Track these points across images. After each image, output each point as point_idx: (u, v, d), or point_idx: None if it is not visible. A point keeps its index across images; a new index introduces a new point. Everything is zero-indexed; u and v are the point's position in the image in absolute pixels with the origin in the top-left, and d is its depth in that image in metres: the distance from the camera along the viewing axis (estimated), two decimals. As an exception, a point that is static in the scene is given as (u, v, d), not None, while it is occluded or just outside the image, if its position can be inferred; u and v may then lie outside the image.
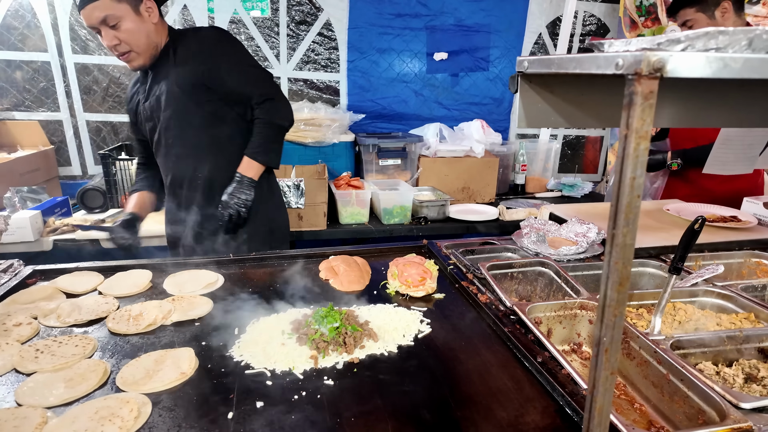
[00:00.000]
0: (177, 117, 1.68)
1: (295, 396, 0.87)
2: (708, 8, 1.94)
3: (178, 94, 1.64)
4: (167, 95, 1.66)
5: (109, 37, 1.53)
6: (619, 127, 0.82)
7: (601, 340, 0.60)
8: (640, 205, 0.56)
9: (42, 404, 0.85)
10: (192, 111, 1.67)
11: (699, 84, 0.78)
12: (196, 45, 1.66)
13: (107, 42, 1.54)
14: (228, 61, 1.66)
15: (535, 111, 0.80)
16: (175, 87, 1.64)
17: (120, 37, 1.53)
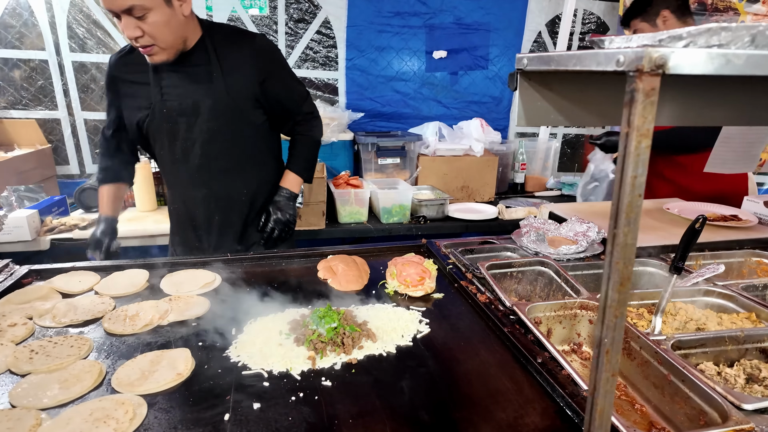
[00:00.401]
0: (227, 129, 1.56)
1: (293, 397, 0.86)
2: (650, 18, 2.07)
3: (230, 105, 1.53)
4: (215, 104, 1.52)
5: (130, 27, 1.34)
6: (619, 124, 0.81)
7: (602, 341, 0.59)
8: (642, 204, 0.55)
9: (36, 406, 0.84)
10: (243, 124, 1.59)
11: (699, 81, 0.77)
12: (251, 55, 1.54)
13: (128, 32, 1.35)
14: (282, 76, 1.62)
15: (535, 109, 0.79)
16: (227, 97, 1.52)
17: (144, 28, 1.35)
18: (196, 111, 1.53)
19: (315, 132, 1.75)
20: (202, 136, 1.56)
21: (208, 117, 1.54)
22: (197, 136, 1.56)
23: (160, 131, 1.58)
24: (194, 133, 1.56)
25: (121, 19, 1.35)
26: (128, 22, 1.34)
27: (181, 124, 1.55)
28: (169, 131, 1.57)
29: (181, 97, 1.53)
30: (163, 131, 1.57)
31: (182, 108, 1.53)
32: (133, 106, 1.58)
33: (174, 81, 1.53)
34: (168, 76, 1.52)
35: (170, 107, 1.54)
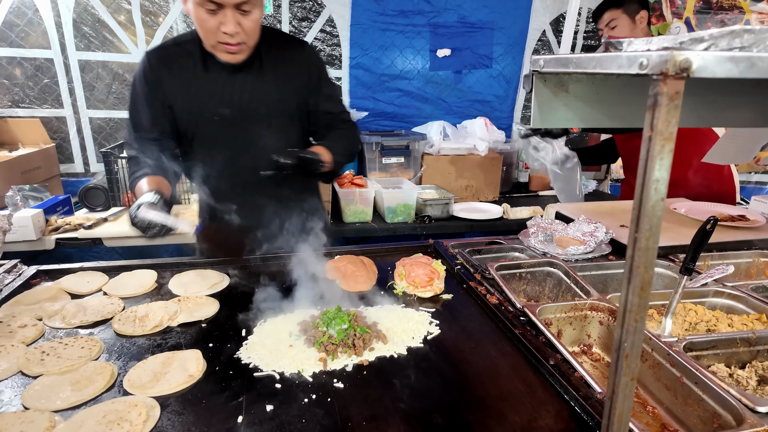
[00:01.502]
0: (277, 137, 1.51)
1: (305, 399, 0.86)
2: (631, 11, 2.11)
3: (282, 112, 1.51)
4: (268, 112, 1.48)
5: (232, 23, 1.27)
6: (634, 126, 0.81)
7: (622, 345, 0.59)
8: (664, 208, 0.55)
9: (49, 408, 0.84)
10: (292, 131, 1.56)
11: (716, 83, 0.76)
12: (301, 63, 1.51)
13: (229, 28, 1.27)
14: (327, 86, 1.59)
15: (550, 110, 0.78)
16: (279, 105, 1.49)
17: (244, 26, 1.29)
18: (248, 118, 1.47)
19: (355, 132, 1.68)
20: (254, 143, 1.49)
21: (261, 124, 1.48)
22: (248, 143, 1.49)
23: (207, 136, 1.49)
24: (245, 140, 1.49)
25: (215, 13, 1.27)
26: (231, 17, 1.27)
27: (233, 130, 1.48)
28: (217, 137, 1.49)
29: (233, 102, 1.46)
30: (210, 136, 1.49)
31: (234, 114, 1.46)
32: (180, 108, 1.47)
33: (227, 85, 1.45)
34: (220, 78, 1.44)
35: (221, 113, 1.46)
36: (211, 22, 1.28)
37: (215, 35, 1.31)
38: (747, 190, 3.52)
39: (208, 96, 1.45)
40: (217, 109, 1.45)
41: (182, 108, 1.46)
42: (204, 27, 1.30)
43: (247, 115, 1.48)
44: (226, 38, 1.31)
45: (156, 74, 1.43)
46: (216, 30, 1.29)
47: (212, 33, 1.30)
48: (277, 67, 1.48)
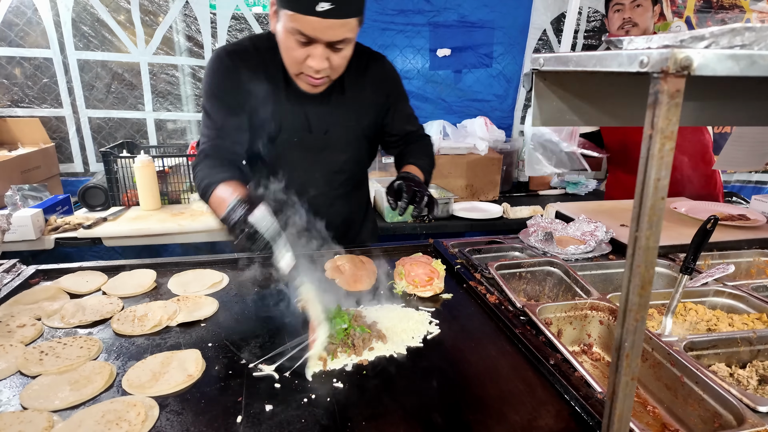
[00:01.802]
0: (352, 161, 1.50)
1: (305, 399, 0.86)
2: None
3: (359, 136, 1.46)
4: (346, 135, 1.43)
5: (321, 58, 1.18)
6: (634, 125, 0.81)
7: (622, 344, 0.59)
8: (664, 207, 0.55)
9: (47, 408, 0.84)
10: (366, 153, 1.53)
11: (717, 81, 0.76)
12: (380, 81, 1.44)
13: (316, 63, 1.18)
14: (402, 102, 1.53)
15: (550, 109, 0.78)
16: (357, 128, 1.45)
17: (333, 62, 1.21)
18: (326, 142, 1.42)
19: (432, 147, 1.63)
20: (328, 166, 1.44)
21: (339, 149, 1.44)
22: (323, 165, 1.44)
23: (279, 156, 1.41)
24: (320, 163, 1.43)
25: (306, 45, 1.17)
26: (322, 53, 1.18)
27: (309, 153, 1.42)
28: (290, 158, 1.41)
29: (311, 127, 1.39)
30: (283, 157, 1.41)
31: (313, 137, 1.40)
32: (257, 122, 1.35)
33: (307, 108, 1.37)
34: (300, 99, 1.35)
35: (301, 135, 1.39)
36: (298, 52, 1.18)
37: (300, 66, 1.22)
38: (747, 189, 3.51)
39: (286, 117, 1.36)
40: (296, 132, 1.38)
41: (259, 124, 1.36)
42: (290, 55, 1.21)
43: (325, 141, 1.42)
44: (311, 72, 1.21)
45: (237, 77, 1.31)
46: (302, 61, 1.20)
47: (297, 63, 1.21)
48: (358, 90, 1.41)
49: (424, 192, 1.30)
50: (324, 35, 1.14)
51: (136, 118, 3.09)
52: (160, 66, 3.02)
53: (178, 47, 3.04)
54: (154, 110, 3.09)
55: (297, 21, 1.12)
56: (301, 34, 1.14)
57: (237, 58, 1.32)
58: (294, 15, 1.11)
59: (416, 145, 1.58)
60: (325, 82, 1.28)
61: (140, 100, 3.04)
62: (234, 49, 1.33)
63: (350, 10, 1.12)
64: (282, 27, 1.17)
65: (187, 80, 3.09)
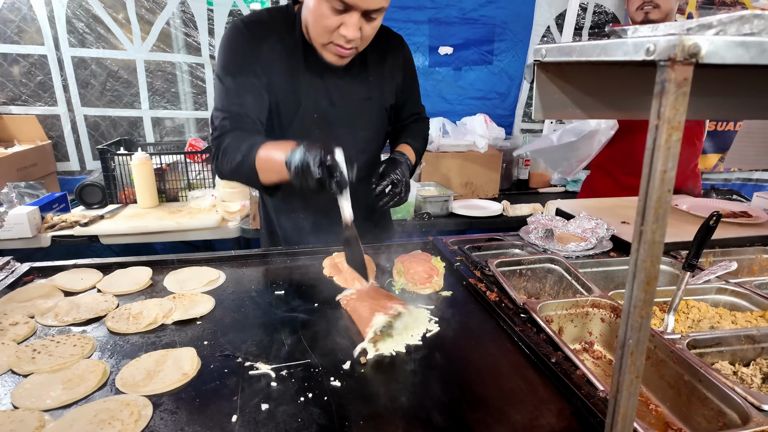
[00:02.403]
0: (374, 140, 1.49)
1: (301, 398, 0.84)
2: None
3: (380, 114, 1.45)
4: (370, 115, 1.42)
5: (355, 27, 1.15)
6: (638, 117, 0.79)
7: (626, 342, 0.57)
8: (671, 200, 0.53)
9: (39, 407, 0.82)
10: (384, 130, 1.52)
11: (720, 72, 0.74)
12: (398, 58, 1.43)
13: (350, 32, 1.15)
14: (414, 80, 1.54)
15: (552, 101, 0.77)
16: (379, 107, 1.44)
17: (365, 32, 1.19)
18: (347, 118, 1.39)
19: (428, 130, 1.65)
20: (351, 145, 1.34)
21: (363, 126, 1.41)
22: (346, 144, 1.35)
23: (298, 132, 1.36)
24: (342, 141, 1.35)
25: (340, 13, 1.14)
26: (356, 21, 1.15)
27: (328, 129, 1.38)
28: (310, 135, 1.36)
29: (333, 102, 1.36)
30: (302, 133, 1.35)
31: (334, 114, 1.37)
32: (276, 98, 1.31)
33: (328, 82, 1.33)
34: (321, 73, 1.31)
35: (321, 109, 1.35)
36: (332, 20, 1.15)
37: (330, 35, 1.18)
38: (748, 187, 3.50)
39: (307, 91, 1.32)
40: (318, 106, 1.34)
41: (278, 99, 1.32)
42: (321, 23, 1.16)
43: (350, 115, 1.39)
44: (341, 41, 1.18)
45: (255, 49, 1.26)
46: (333, 30, 1.17)
47: (328, 32, 1.18)
48: (378, 66, 1.39)
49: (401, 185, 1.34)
50: (363, 3, 1.12)
51: (132, 116, 3.07)
52: (156, 63, 2.99)
53: (175, 44, 3.02)
54: (151, 108, 3.06)
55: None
56: (338, 0, 1.11)
57: (255, 28, 1.27)
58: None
59: (416, 124, 1.59)
60: (352, 54, 1.25)
61: (137, 98, 3.02)
62: (251, 19, 1.29)
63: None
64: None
65: (185, 78, 3.06)
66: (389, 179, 1.33)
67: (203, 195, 2.59)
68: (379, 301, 1.09)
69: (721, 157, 3.47)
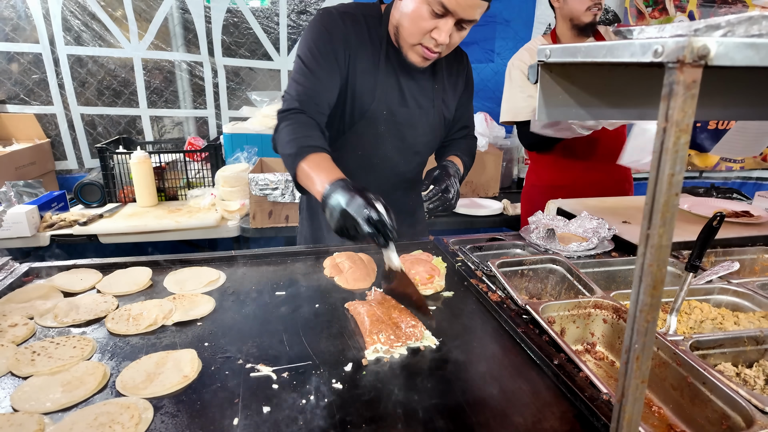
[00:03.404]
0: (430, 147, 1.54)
1: (303, 400, 0.84)
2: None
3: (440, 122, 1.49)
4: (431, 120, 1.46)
5: (447, 33, 1.20)
6: (644, 119, 0.78)
7: (632, 346, 0.57)
8: (678, 203, 0.52)
9: (38, 410, 0.82)
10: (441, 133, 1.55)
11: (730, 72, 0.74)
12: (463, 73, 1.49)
13: (442, 37, 1.20)
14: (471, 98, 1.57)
15: (556, 103, 0.76)
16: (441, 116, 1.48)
17: (453, 39, 1.24)
18: (416, 119, 1.43)
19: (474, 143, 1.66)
20: (410, 146, 1.46)
21: (423, 129, 1.46)
22: (405, 143, 1.44)
23: (365, 128, 1.40)
24: (403, 141, 1.44)
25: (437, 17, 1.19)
26: (450, 27, 1.20)
27: (395, 129, 1.42)
28: (377, 131, 1.40)
29: (405, 102, 1.40)
30: (369, 129, 1.40)
31: (405, 111, 1.41)
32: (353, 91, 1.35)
33: (404, 82, 1.38)
34: (398, 73, 1.36)
35: (392, 108, 1.38)
36: (428, 23, 1.19)
37: (422, 37, 1.22)
38: (748, 186, 3.50)
39: (382, 88, 1.36)
40: (390, 104, 1.38)
41: (355, 90, 1.34)
42: (417, 25, 1.20)
43: (417, 117, 1.43)
44: (431, 44, 1.23)
45: (343, 37, 1.29)
46: (426, 33, 1.21)
47: (421, 33, 1.22)
48: (448, 75, 1.46)
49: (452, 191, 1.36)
50: (463, 11, 1.17)
51: (130, 115, 3.05)
52: (154, 61, 2.97)
53: (174, 42, 3.00)
54: (149, 107, 3.05)
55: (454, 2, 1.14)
56: (441, 5, 1.16)
57: (348, 18, 1.32)
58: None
59: (464, 140, 1.62)
60: (435, 58, 1.29)
61: (134, 96, 3.00)
62: (344, 9, 1.34)
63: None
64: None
65: (184, 76, 3.05)
66: (443, 185, 1.37)
67: (203, 194, 2.58)
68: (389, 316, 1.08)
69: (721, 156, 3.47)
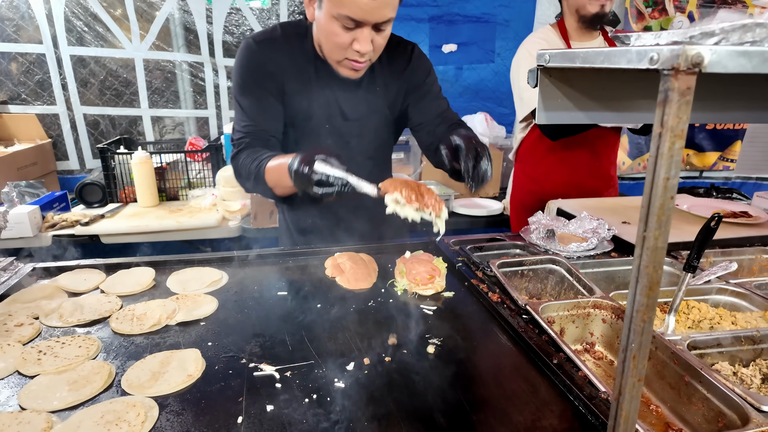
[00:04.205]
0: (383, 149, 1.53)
1: (306, 399, 0.85)
2: None
3: (389, 121, 1.47)
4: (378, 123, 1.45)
5: (367, 41, 1.18)
6: (641, 122, 0.80)
7: (629, 346, 0.58)
8: (673, 206, 0.54)
9: (46, 408, 0.83)
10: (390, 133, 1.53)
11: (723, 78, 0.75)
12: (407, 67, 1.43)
13: (363, 46, 1.18)
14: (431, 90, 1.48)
15: (555, 106, 0.77)
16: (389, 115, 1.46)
17: (376, 43, 1.21)
18: (357, 127, 1.43)
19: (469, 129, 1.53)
20: (360, 153, 1.46)
21: (370, 136, 1.46)
22: (355, 153, 1.44)
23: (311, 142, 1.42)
24: (350, 148, 1.43)
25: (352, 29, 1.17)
26: (368, 35, 1.18)
27: (339, 138, 1.43)
28: (321, 143, 1.42)
29: (344, 113, 1.40)
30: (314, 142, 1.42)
31: (348, 124, 1.41)
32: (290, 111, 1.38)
33: (338, 94, 1.37)
34: (331, 86, 1.36)
35: (333, 122, 1.40)
36: (344, 37, 1.18)
37: (344, 51, 1.22)
38: (748, 185, 3.51)
39: (319, 104, 1.37)
40: (329, 119, 1.39)
41: (292, 112, 1.37)
42: (334, 41, 1.20)
43: (359, 127, 1.43)
44: (355, 56, 1.22)
45: (267, 66, 1.32)
46: (347, 46, 1.20)
47: (342, 49, 1.21)
48: (388, 76, 1.41)
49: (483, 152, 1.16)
50: (372, 17, 1.14)
51: (131, 115, 3.07)
52: (155, 62, 2.99)
53: (175, 42, 3.01)
54: (151, 107, 3.06)
55: (344, 6, 1.11)
56: (348, 18, 1.14)
57: (266, 47, 1.32)
58: (341, 0, 1.11)
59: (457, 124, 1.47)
60: (366, 66, 1.28)
61: (136, 96, 3.02)
62: (263, 38, 1.34)
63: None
64: (325, 13, 1.17)
65: (185, 76, 3.06)
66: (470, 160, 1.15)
67: (204, 194, 2.59)
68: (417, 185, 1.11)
69: (720, 155, 3.48)
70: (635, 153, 3.49)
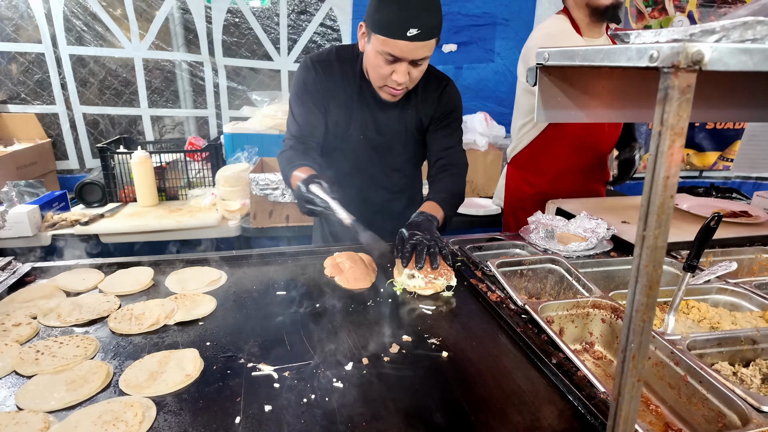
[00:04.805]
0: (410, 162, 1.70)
1: (304, 399, 0.85)
2: None
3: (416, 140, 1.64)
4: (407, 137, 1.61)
5: (404, 74, 1.36)
6: (639, 122, 0.79)
7: (628, 346, 0.58)
8: (673, 206, 0.53)
9: (43, 408, 0.83)
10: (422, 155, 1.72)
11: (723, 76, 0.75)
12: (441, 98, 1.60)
13: (400, 78, 1.36)
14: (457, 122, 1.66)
15: (554, 105, 0.77)
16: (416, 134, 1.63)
17: (412, 75, 1.39)
18: (388, 143, 1.61)
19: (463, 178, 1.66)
20: (388, 164, 1.66)
21: (400, 150, 1.65)
22: (384, 162, 1.65)
23: (347, 151, 1.63)
24: (382, 160, 1.64)
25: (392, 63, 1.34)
26: (405, 69, 1.36)
27: (372, 151, 1.62)
28: (356, 153, 1.63)
29: (379, 129, 1.58)
30: (350, 151, 1.63)
31: (379, 137, 1.59)
32: (333, 123, 1.58)
33: (376, 113, 1.56)
34: (371, 105, 1.55)
35: (367, 134, 1.59)
36: (385, 69, 1.37)
37: (385, 80, 1.41)
38: (747, 185, 3.51)
39: (356, 118, 1.56)
40: (364, 131, 1.58)
41: (334, 122, 1.57)
42: (377, 71, 1.40)
43: (387, 141, 1.62)
44: (394, 84, 1.40)
45: (321, 84, 1.52)
46: (387, 76, 1.39)
47: (383, 78, 1.40)
48: (420, 104, 1.59)
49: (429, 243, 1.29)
50: (410, 55, 1.32)
51: (131, 115, 3.06)
52: (155, 61, 2.98)
53: (174, 42, 3.01)
54: (150, 106, 3.06)
55: (388, 45, 1.30)
56: (390, 55, 1.32)
57: (320, 67, 1.54)
58: (386, 40, 1.29)
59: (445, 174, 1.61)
60: (403, 93, 1.47)
61: (135, 96, 3.01)
62: (319, 59, 1.55)
63: (432, 34, 1.30)
64: (372, 48, 1.36)
65: (185, 76, 3.06)
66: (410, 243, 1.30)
67: (203, 193, 2.59)
68: None
69: (720, 155, 3.47)
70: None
